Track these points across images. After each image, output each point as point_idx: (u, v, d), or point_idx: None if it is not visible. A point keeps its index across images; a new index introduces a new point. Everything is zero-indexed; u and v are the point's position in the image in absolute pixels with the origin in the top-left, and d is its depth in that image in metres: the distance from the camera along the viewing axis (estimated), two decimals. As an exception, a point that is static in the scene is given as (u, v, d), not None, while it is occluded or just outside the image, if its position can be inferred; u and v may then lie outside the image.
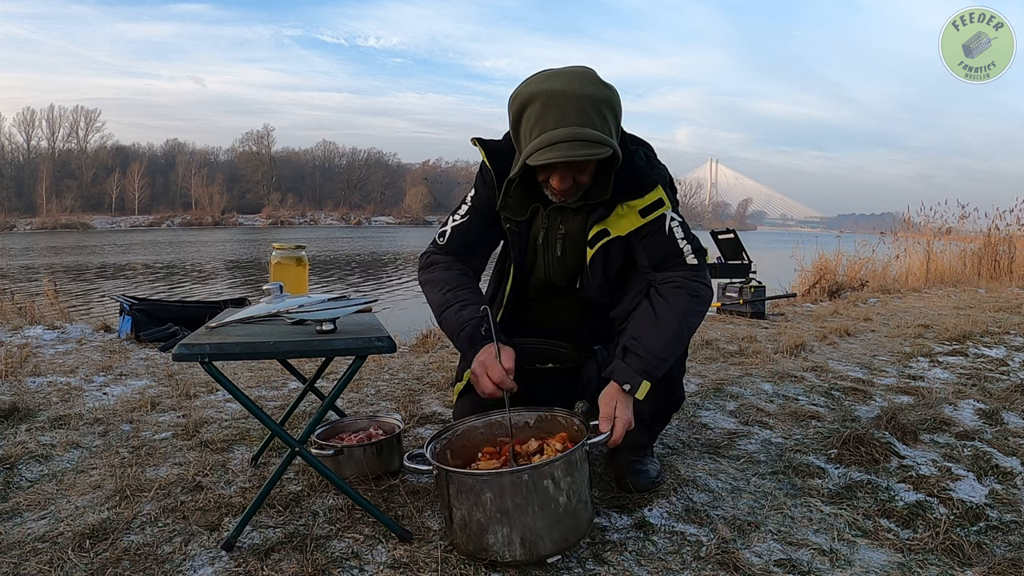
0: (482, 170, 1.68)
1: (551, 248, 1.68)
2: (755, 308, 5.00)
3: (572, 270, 1.71)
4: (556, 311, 1.83)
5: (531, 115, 1.41)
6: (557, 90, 1.38)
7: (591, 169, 1.49)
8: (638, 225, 1.57)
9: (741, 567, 1.32)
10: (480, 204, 1.69)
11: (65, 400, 2.45)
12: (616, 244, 1.62)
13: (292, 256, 2.15)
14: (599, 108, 1.39)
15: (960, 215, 9.84)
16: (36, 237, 42.84)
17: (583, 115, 1.37)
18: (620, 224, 1.58)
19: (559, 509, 1.28)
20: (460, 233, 1.71)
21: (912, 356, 3.50)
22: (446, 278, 1.66)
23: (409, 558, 1.33)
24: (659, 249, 1.60)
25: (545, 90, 1.39)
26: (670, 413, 1.80)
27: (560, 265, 1.70)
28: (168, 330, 3.60)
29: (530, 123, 1.42)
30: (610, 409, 1.47)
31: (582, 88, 1.38)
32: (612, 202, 1.56)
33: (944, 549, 1.42)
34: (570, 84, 1.38)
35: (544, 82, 1.41)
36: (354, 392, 2.66)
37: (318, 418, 1.43)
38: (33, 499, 1.60)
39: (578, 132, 1.36)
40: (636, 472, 1.67)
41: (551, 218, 1.65)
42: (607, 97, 1.41)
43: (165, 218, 72.69)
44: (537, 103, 1.40)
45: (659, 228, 1.59)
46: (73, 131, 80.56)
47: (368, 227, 73.84)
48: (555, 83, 1.39)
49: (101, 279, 16.08)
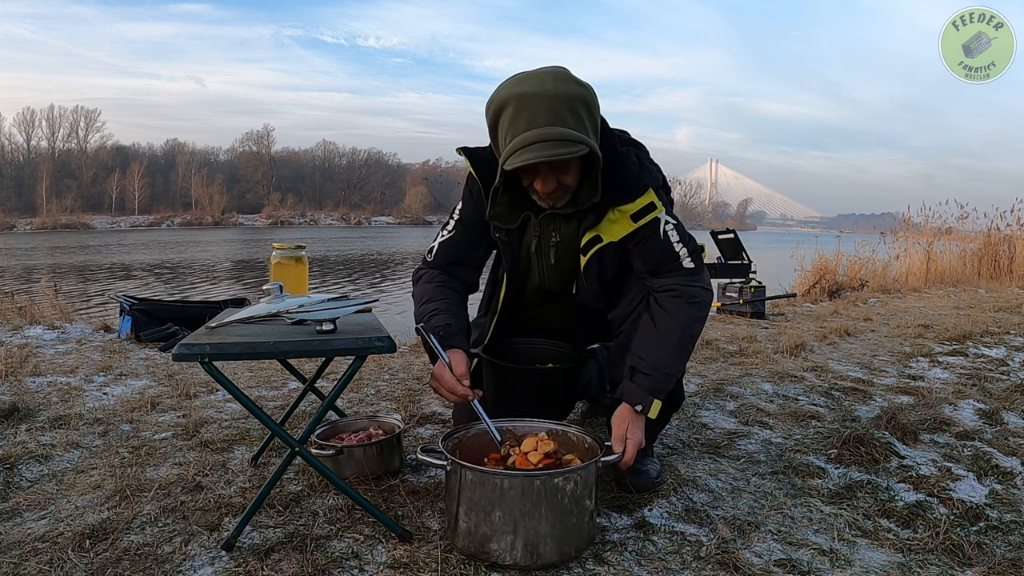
0: (468, 181, 1.67)
1: (545, 256, 1.67)
2: (755, 308, 5.00)
3: (567, 277, 1.71)
4: (553, 314, 1.84)
5: (505, 120, 1.40)
6: (528, 92, 1.37)
7: (574, 169, 1.48)
8: (630, 230, 1.55)
9: (741, 567, 1.32)
10: (467, 217, 1.69)
11: (65, 400, 2.45)
12: (609, 250, 1.61)
13: (292, 256, 2.15)
14: (573, 107, 1.38)
15: (960, 215, 9.84)
16: (36, 237, 42.86)
17: (555, 115, 1.36)
18: (612, 230, 1.56)
19: (569, 520, 1.30)
20: (446, 249, 1.71)
21: (912, 356, 3.50)
22: (425, 291, 1.67)
23: (409, 558, 1.33)
24: (655, 255, 1.58)
25: (517, 94, 1.38)
26: (670, 413, 1.80)
27: (555, 272, 1.70)
28: (168, 330, 3.60)
29: (504, 128, 1.41)
30: (622, 431, 1.50)
31: (554, 88, 1.37)
32: (603, 207, 1.54)
33: (944, 549, 1.42)
34: (542, 85, 1.37)
35: (516, 86, 1.39)
36: (354, 392, 2.66)
37: (318, 418, 1.43)
38: (33, 499, 1.60)
39: (551, 132, 1.35)
40: (636, 472, 1.67)
41: (543, 226, 1.64)
42: (581, 95, 1.39)
43: (165, 218, 72.67)
44: (510, 107, 1.39)
45: (653, 232, 1.57)
46: (73, 131, 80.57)
47: (368, 227, 73.86)
48: (526, 85, 1.38)
49: (101, 279, 16.08)
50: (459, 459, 1.34)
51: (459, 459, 1.34)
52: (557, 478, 1.28)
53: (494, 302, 1.79)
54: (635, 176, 1.54)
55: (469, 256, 1.73)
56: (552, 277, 1.71)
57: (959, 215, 9.83)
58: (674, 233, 1.58)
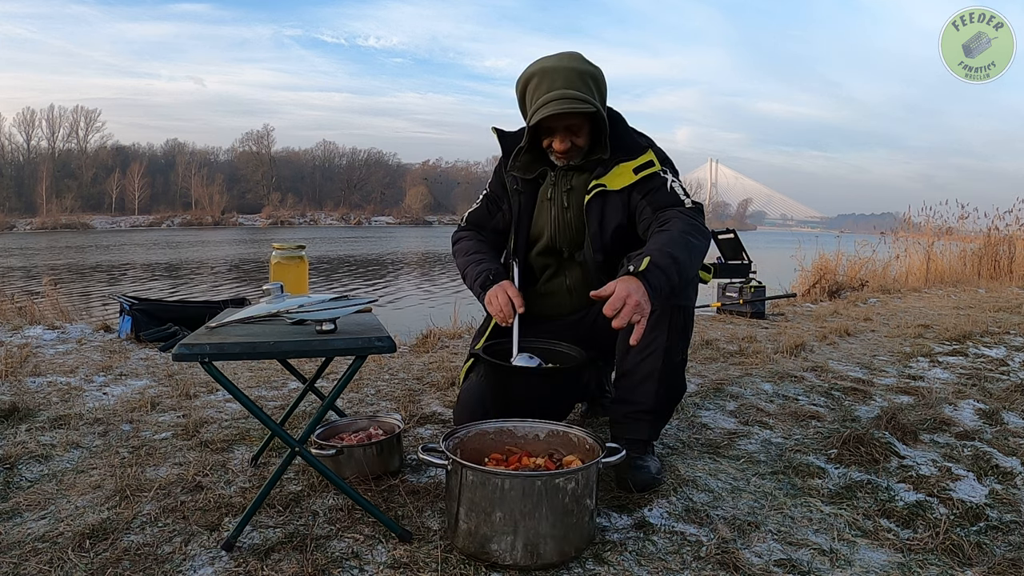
0: (497, 163, 1.99)
1: (558, 203, 1.88)
2: (755, 308, 4.99)
3: (574, 229, 1.87)
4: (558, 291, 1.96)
5: (531, 88, 1.73)
6: (550, 67, 1.71)
7: (585, 132, 1.77)
8: (631, 181, 1.78)
9: (741, 567, 1.32)
10: (492, 193, 2.01)
11: (65, 400, 2.45)
12: (612, 199, 1.81)
13: (292, 256, 2.15)
14: (584, 79, 1.70)
15: (960, 215, 9.83)
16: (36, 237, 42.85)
17: (570, 81, 1.68)
18: (615, 181, 1.80)
19: (569, 520, 1.30)
20: (474, 217, 2.05)
21: (912, 356, 3.50)
22: (468, 246, 1.98)
23: (409, 558, 1.33)
24: (660, 200, 1.77)
25: (541, 68, 1.72)
26: (674, 404, 1.80)
27: (563, 220, 1.88)
28: (168, 330, 3.60)
29: (531, 93, 1.73)
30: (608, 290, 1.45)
31: (570, 64, 1.71)
32: (610, 163, 1.80)
33: (944, 549, 1.42)
34: (560, 62, 1.72)
35: (540, 63, 1.74)
36: (354, 392, 2.66)
37: (318, 418, 1.43)
38: (33, 499, 1.60)
39: (567, 92, 1.67)
40: (637, 468, 1.67)
41: (557, 177, 1.88)
42: (591, 71, 1.73)
43: (165, 218, 72.58)
44: (536, 78, 1.72)
45: (661, 185, 1.78)
46: (73, 131, 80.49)
47: (368, 227, 73.85)
48: (548, 62, 1.73)
49: (101, 279, 16.07)
50: (460, 459, 1.34)
51: (460, 459, 1.34)
52: (558, 478, 1.28)
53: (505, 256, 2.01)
54: (636, 141, 1.84)
55: (492, 221, 2.03)
56: (561, 226, 1.88)
57: (959, 215, 9.83)
58: (678, 187, 1.80)
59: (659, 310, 1.62)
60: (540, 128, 1.77)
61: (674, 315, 1.68)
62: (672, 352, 1.69)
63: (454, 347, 3.57)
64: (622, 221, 1.82)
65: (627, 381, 1.73)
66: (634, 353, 1.69)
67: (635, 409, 1.72)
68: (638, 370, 1.70)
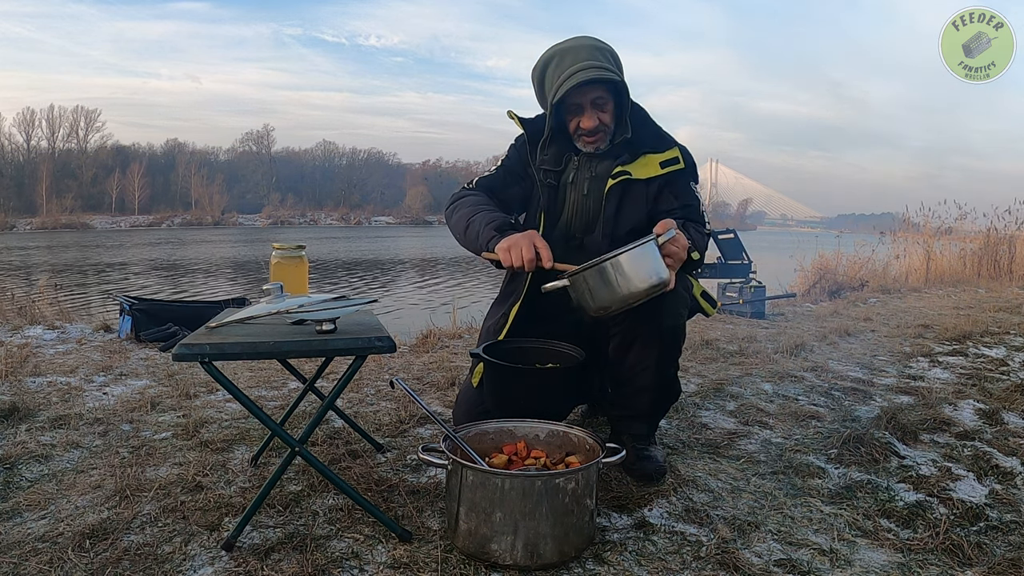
0: (515, 140, 1.95)
1: (579, 188, 1.87)
2: (755, 308, 4.99)
3: (591, 213, 1.86)
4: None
5: (551, 67, 1.73)
6: (569, 46, 1.73)
7: (611, 108, 1.77)
8: (656, 174, 1.79)
9: (741, 567, 1.32)
10: (509, 163, 1.94)
11: (65, 400, 2.45)
12: (634, 189, 1.80)
13: (292, 256, 2.14)
14: (604, 54, 1.72)
15: (959, 215, 9.82)
16: (36, 237, 42.83)
17: (591, 56, 1.70)
18: (640, 171, 1.79)
19: (569, 520, 1.30)
20: (485, 182, 1.94)
21: (912, 356, 3.50)
22: (478, 200, 1.84)
23: (409, 558, 1.33)
24: (685, 198, 1.80)
25: (559, 49, 1.74)
26: (670, 404, 1.87)
27: (582, 205, 1.86)
28: (168, 330, 3.60)
29: (551, 72, 1.73)
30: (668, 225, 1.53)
31: (588, 42, 1.74)
32: (637, 151, 1.80)
33: (944, 549, 1.42)
34: (578, 41, 1.75)
35: (556, 46, 1.76)
36: (354, 392, 2.66)
37: (318, 418, 1.43)
38: (33, 499, 1.60)
39: (591, 63, 1.68)
40: (644, 458, 1.71)
41: (581, 163, 1.87)
42: (609, 48, 1.75)
43: (165, 218, 72.48)
44: (556, 58, 1.73)
45: (686, 186, 1.81)
46: (73, 131, 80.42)
47: (368, 227, 73.79)
48: (566, 44, 1.75)
49: (101, 279, 16.08)
50: (460, 459, 1.34)
51: (460, 459, 1.34)
52: (558, 479, 1.28)
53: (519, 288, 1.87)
54: (663, 135, 1.85)
55: (502, 191, 1.94)
56: (579, 211, 1.87)
57: (959, 215, 9.81)
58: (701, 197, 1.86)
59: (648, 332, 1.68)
60: (566, 107, 1.76)
61: (665, 335, 1.70)
62: (664, 366, 1.73)
63: (454, 347, 3.57)
64: (640, 215, 1.80)
65: (623, 391, 1.78)
66: (627, 367, 1.73)
67: (631, 413, 1.79)
68: (632, 383, 1.74)
